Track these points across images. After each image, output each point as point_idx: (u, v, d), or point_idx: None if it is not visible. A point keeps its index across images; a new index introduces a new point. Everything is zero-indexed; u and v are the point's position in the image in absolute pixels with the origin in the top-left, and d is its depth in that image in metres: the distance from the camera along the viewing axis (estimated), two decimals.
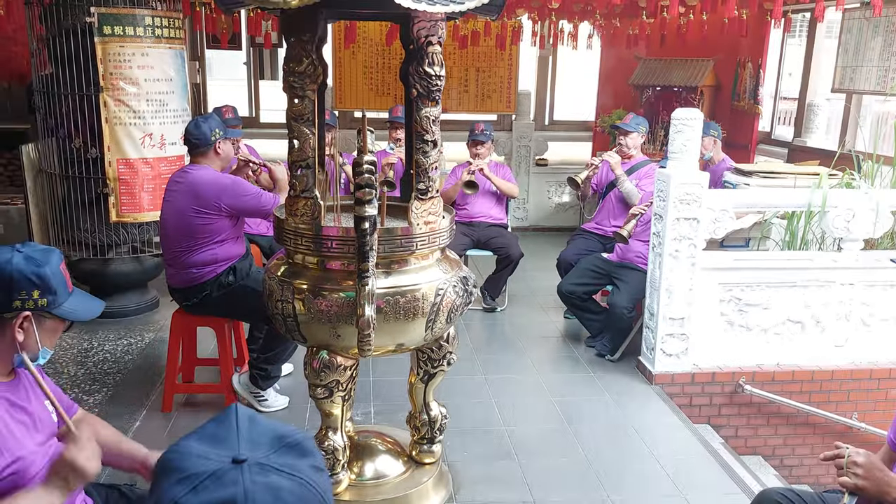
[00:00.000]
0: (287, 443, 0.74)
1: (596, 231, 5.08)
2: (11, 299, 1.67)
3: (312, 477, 0.73)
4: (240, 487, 0.68)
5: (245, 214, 3.55)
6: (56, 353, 4.17)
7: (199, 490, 0.68)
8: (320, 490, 0.73)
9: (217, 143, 3.50)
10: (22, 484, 1.68)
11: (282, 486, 0.69)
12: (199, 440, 0.74)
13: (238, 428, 0.74)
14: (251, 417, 0.77)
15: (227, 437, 0.73)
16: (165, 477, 0.70)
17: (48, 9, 4.27)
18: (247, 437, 0.73)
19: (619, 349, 4.44)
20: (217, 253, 3.46)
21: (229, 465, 0.70)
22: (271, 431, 0.76)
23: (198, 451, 0.72)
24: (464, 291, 2.71)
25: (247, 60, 7.96)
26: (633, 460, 3.39)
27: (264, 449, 0.73)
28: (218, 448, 0.72)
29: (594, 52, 7.26)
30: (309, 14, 2.36)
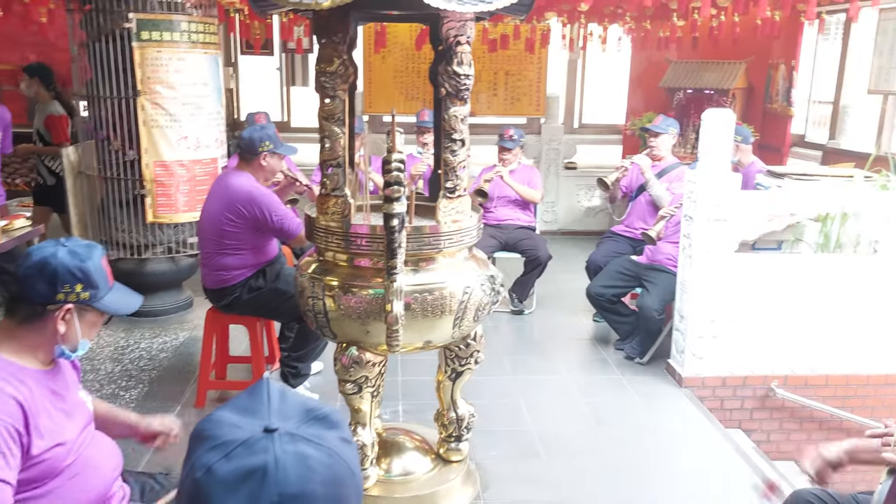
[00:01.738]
0: (315, 415, 0.77)
1: (625, 233, 5.06)
2: (55, 292, 1.72)
3: (339, 447, 0.75)
4: (270, 455, 0.71)
5: (268, 231, 3.49)
6: (94, 350, 4.29)
7: (231, 457, 0.71)
8: (347, 460, 0.75)
9: (263, 154, 3.51)
10: (56, 469, 1.73)
11: (310, 454, 0.72)
12: (231, 411, 0.77)
13: (269, 400, 0.78)
14: (281, 391, 0.80)
15: (259, 409, 0.76)
16: (200, 444, 0.74)
17: (88, 15, 4.40)
18: (277, 409, 0.76)
19: (648, 352, 4.42)
20: (246, 258, 3.51)
21: (260, 434, 0.73)
22: (300, 404, 0.79)
23: (230, 421, 0.75)
24: (491, 290, 2.72)
25: (279, 66, 8.07)
26: (663, 462, 3.37)
27: (294, 420, 0.76)
28: (250, 418, 0.75)
29: (624, 55, 7.24)
30: (340, 15, 2.41)
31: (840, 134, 6.34)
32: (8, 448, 1.58)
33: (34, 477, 1.69)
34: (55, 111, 5.32)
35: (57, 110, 5.34)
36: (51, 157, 5.32)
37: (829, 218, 4.41)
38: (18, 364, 1.72)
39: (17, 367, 1.71)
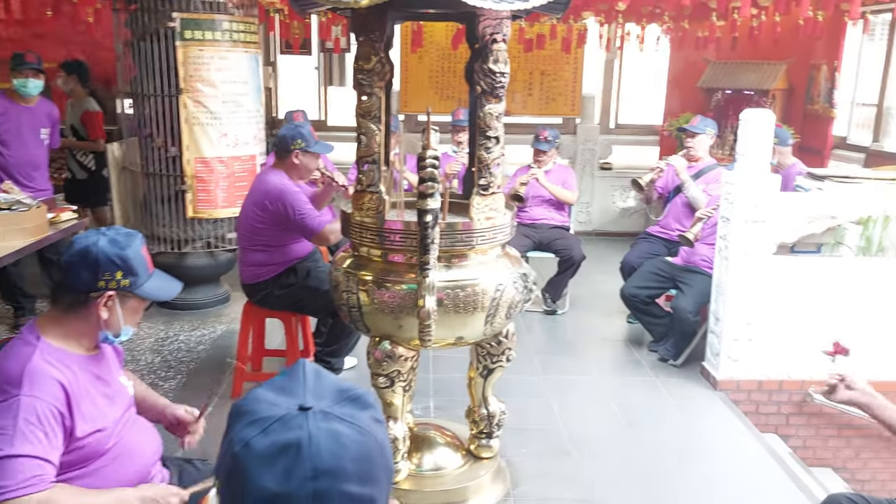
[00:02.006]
0: (349, 396, 0.80)
1: (661, 235, 5.02)
2: (97, 279, 1.78)
3: (371, 426, 0.78)
4: (305, 431, 0.74)
5: (292, 228, 3.52)
6: (135, 340, 4.40)
7: (268, 432, 0.74)
8: (378, 438, 0.78)
9: (295, 152, 3.55)
10: (98, 452, 1.79)
11: (343, 432, 0.75)
12: (269, 390, 0.80)
13: (305, 380, 0.81)
14: (317, 372, 0.83)
15: (295, 388, 0.79)
16: (238, 420, 0.77)
17: (134, 14, 4.52)
18: (312, 389, 0.79)
19: (682, 354, 4.38)
20: (275, 254, 3.57)
21: (296, 411, 0.76)
22: (335, 385, 0.82)
23: (268, 399, 0.78)
24: (523, 288, 2.73)
25: (317, 65, 8.17)
26: (696, 465, 3.35)
27: (328, 400, 0.78)
28: (286, 397, 0.78)
29: (662, 55, 7.18)
30: (378, 14, 2.45)
31: (884, 136, 6.20)
32: (51, 428, 1.64)
33: (77, 458, 1.75)
34: (91, 107, 5.46)
35: (93, 106, 5.48)
36: (83, 152, 5.46)
37: (871, 221, 4.32)
38: (64, 350, 1.78)
39: (62, 353, 1.77)
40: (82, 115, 5.40)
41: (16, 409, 1.61)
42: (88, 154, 5.50)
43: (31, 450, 1.59)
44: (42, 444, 1.61)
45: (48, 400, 1.65)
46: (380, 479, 0.77)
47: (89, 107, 5.46)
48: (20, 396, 1.63)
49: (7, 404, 1.62)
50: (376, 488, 0.76)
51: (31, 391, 1.64)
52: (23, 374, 1.66)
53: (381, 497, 0.77)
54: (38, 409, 1.63)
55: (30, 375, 1.67)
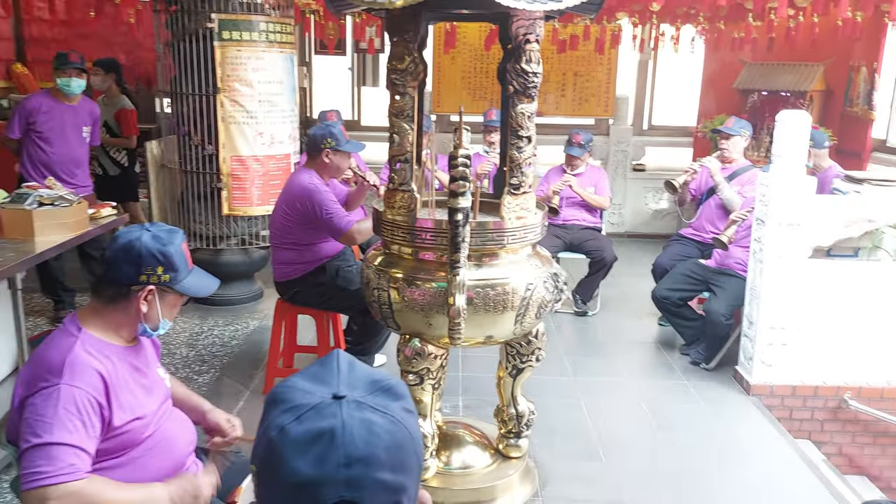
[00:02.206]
0: (381, 386, 0.82)
1: (693, 237, 4.97)
2: (138, 274, 1.82)
3: (403, 416, 0.80)
4: (338, 419, 0.76)
5: (320, 227, 3.54)
6: (170, 335, 4.49)
7: (302, 419, 0.76)
8: (409, 428, 0.80)
9: (326, 151, 3.58)
10: (135, 441, 1.83)
11: (375, 421, 0.77)
12: (304, 379, 0.83)
13: (339, 370, 0.83)
14: (350, 362, 0.85)
15: (329, 378, 0.82)
16: (274, 407, 0.80)
17: (174, 15, 4.61)
18: (346, 379, 0.82)
19: (714, 357, 4.33)
20: (304, 253, 3.61)
21: (330, 400, 0.78)
22: (368, 376, 0.84)
23: (303, 387, 0.80)
24: (554, 288, 2.74)
25: (351, 66, 8.24)
26: (727, 469, 3.31)
27: (361, 389, 0.80)
28: (320, 386, 0.80)
29: (697, 56, 7.10)
30: (412, 14, 2.47)
31: None
32: (89, 418, 1.68)
33: (115, 447, 1.79)
34: (126, 105, 5.57)
35: (127, 104, 5.59)
36: (116, 149, 5.57)
37: None
38: (104, 341, 1.83)
39: (102, 343, 1.82)
40: (117, 113, 5.51)
41: (56, 397, 1.65)
42: (121, 151, 5.62)
43: (69, 438, 1.63)
44: (79, 434, 1.65)
45: (87, 390, 1.69)
46: (411, 467, 0.79)
47: (125, 104, 5.57)
48: (61, 385, 1.67)
49: (48, 392, 1.66)
50: (408, 477, 0.78)
51: (72, 381, 1.68)
52: (64, 364, 1.70)
53: (412, 486, 0.79)
54: (77, 398, 1.67)
55: (71, 365, 1.71)
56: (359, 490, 0.73)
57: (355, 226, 3.49)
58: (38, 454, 1.61)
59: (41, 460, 1.60)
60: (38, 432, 1.62)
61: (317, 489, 0.73)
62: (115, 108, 5.51)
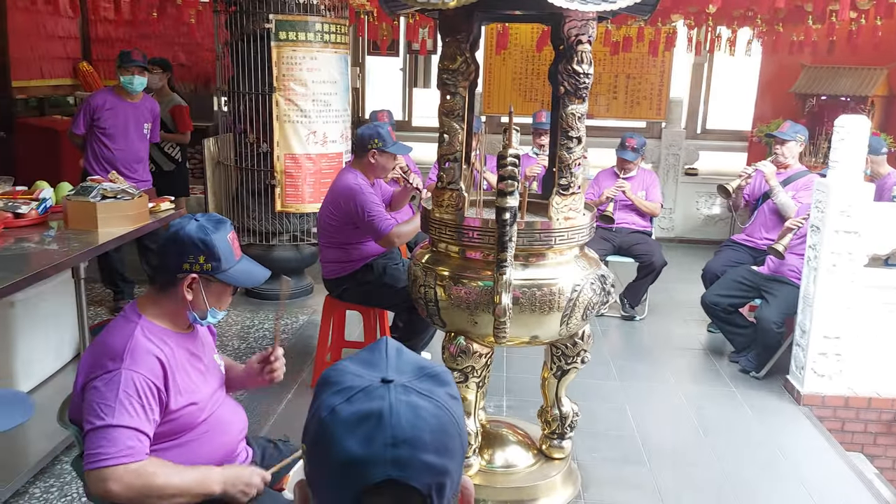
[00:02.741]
0: (427, 372, 0.85)
1: (746, 243, 4.88)
2: (182, 262, 1.87)
3: (448, 402, 0.83)
4: (386, 402, 0.79)
5: (361, 228, 3.58)
6: (223, 327, 4.62)
7: (352, 401, 0.80)
8: (454, 413, 0.83)
9: (372, 152, 3.61)
10: (191, 425, 1.90)
11: (421, 405, 0.80)
12: (354, 363, 0.86)
13: (387, 356, 0.86)
14: (398, 349, 0.88)
15: (378, 363, 0.85)
16: (325, 389, 0.83)
17: (233, 16, 4.74)
18: (394, 365, 0.85)
19: (765, 366, 4.25)
20: (351, 252, 3.66)
21: (378, 383, 0.81)
22: (415, 362, 0.87)
23: (353, 371, 0.84)
24: (601, 290, 2.73)
25: (403, 66, 8.32)
26: (775, 480, 3.25)
27: (408, 375, 0.84)
28: (369, 370, 0.84)
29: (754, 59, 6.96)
30: (464, 15, 2.50)
31: None
32: (148, 402, 1.75)
33: (171, 430, 1.86)
34: (179, 102, 5.73)
35: (180, 101, 5.75)
36: (171, 145, 5.73)
37: None
38: (162, 327, 1.90)
39: (160, 329, 1.89)
40: (171, 109, 5.66)
41: (117, 381, 1.72)
42: (175, 147, 5.78)
43: (129, 421, 1.70)
44: (139, 417, 1.72)
45: (147, 375, 1.76)
46: (455, 451, 0.81)
47: (178, 101, 5.73)
48: (122, 370, 1.74)
49: (110, 377, 1.73)
50: (451, 460, 0.80)
51: (132, 366, 1.75)
52: (125, 349, 1.77)
53: (456, 469, 0.82)
54: (136, 382, 1.73)
55: (131, 351, 1.78)
56: (405, 470, 0.76)
57: (394, 230, 3.53)
58: (100, 436, 1.68)
59: (103, 442, 1.67)
60: (100, 415, 1.69)
61: (364, 468, 0.76)
62: (170, 105, 5.67)
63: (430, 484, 0.77)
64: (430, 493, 0.78)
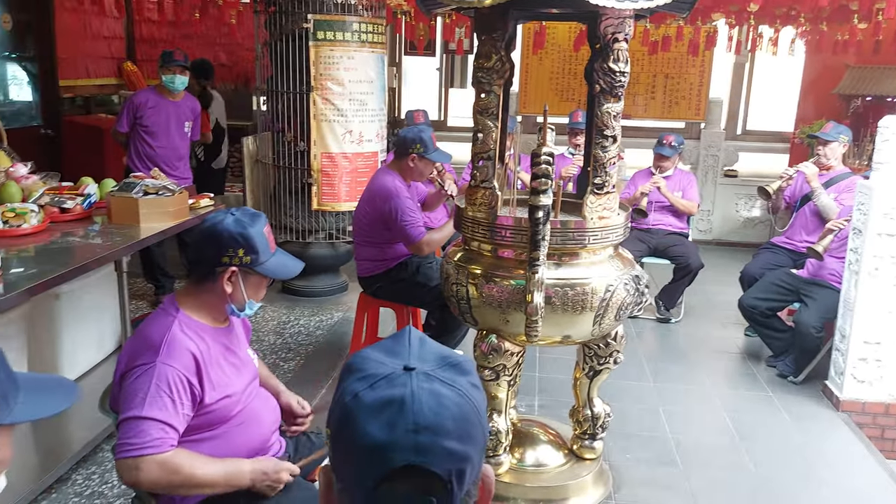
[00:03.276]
0: (449, 361, 0.87)
1: (786, 245, 4.80)
2: (221, 255, 1.91)
3: (470, 391, 0.84)
4: (408, 389, 0.81)
5: (392, 231, 3.60)
6: (259, 322, 4.69)
7: (374, 387, 0.82)
8: (475, 402, 0.84)
9: (412, 156, 3.62)
10: (225, 417, 1.93)
11: (443, 393, 0.81)
12: (378, 351, 0.88)
13: (410, 345, 0.88)
14: (421, 339, 0.90)
15: (401, 351, 0.87)
16: (349, 375, 0.85)
17: (272, 16, 4.81)
18: (416, 353, 0.86)
19: (803, 371, 4.17)
20: (386, 250, 3.69)
21: (401, 371, 0.83)
22: (437, 351, 0.88)
23: (376, 358, 0.86)
24: (635, 290, 2.71)
25: (439, 67, 8.35)
26: (811, 486, 3.19)
27: (430, 364, 0.85)
28: (392, 358, 0.86)
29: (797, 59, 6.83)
30: (500, 13, 2.51)
31: None
32: (178, 396, 1.78)
33: (206, 422, 1.90)
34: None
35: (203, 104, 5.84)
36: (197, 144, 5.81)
37: None
38: (198, 321, 1.94)
39: (197, 323, 1.93)
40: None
41: (151, 374, 1.76)
42: (200, 146, 5.89)
43: (158, 414, 1.74)
44: (168, 410, 1.75)
45: (180, 369, 1.80)
46: (476, 438, 0.82)
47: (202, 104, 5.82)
48: (157, 363, 1.78)
49: (145, 369, 1.78)
50: (472, 447, 0.82)
51: (167, 359, 1.79)
52: (162, 343, 1.81)
53: (477, 456, 0.83)
54: (169, 377, 1.77)
55: (168, 344, 1.82)
56: (426, 456, 0.78)
57: (425, 237, 3.55)
58: (130, 426, 1.73)
59: (132, 432, 1.72)
60: (132, 406, 1.74)
61: (386, 453, 0.78)
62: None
63: (450, 470, 0.79)
64: (451, 479, 0.79)
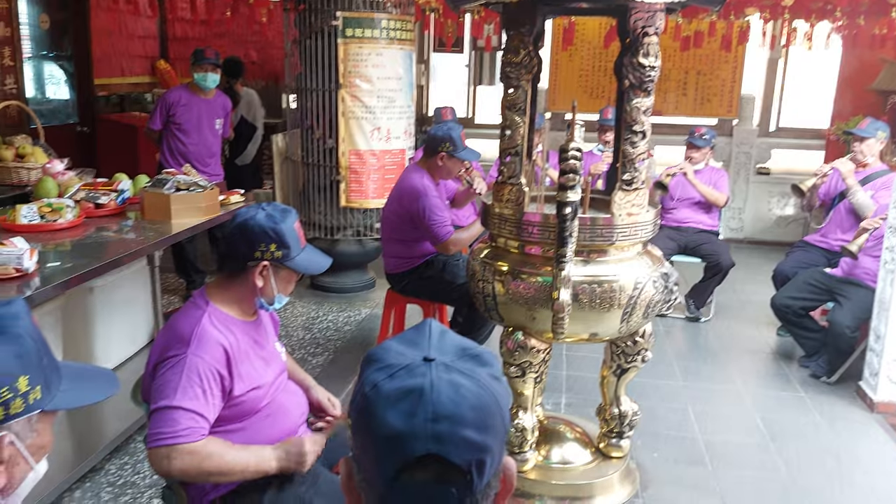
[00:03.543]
0: (470, 353, 0.87)
1: (820, 244, 4.71)
2: (253, 250, 1.93)
3: (489, 381, 0.84)
4: (427, 379, 0.81)
5: (420, 229, 3.61)
6: (288, 318, 4.74)
7: (394, 377, 0.82)
8: (495, 393, 0.84)
9: (441, 154, 3.62)
10: (253, 409, 1.96)
11: (462, 383, 0.82)
12: (398, 342, 0.89)
13: (430, 336, 0.88)
14: (442, 330, 0.90)
15: (421, 342, 0.87)
16: (370, 365, 0.86)
17: (302, 14, 4.85)
18: (436, 345, 0.87)
19: (836, 371, 4.09)
20: (413, 247, 3.70)
21: (420, 361, 0.84)
22: (458, 343, 0.89)
23: (396, 349, 0.87)
24: (663, 288, 2.68)
25: (468, 64, 8.34)
26: (843, 488, 3.13)
27: (450, 355, 0.86)
28: (412, 349, 0.86)
29: (832, 54, 6.70)
30: (528, 7, 2.50)
31: None
32: (209, 387, 1.81)
33: (234, 414, 1.92)
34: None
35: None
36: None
37: None
38: (228, 314, 1.96)
39: (226, 317, 1.95)
40: None
41: (182, 366, 1.80)
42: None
43: (189, 404, 1.76)
44: (198, 400, 1.78)
45: (210, 361, 1.83)
46: (496, 429, 0.82)
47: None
48: (187, 355, 1.81)
49: (176, 360, 1.81)
50: (492, 438, 0.82)
51: (197, 351, 1.82)
52: (192, 335, 1.84)
53: (497, 447, 0.83)
54: (199, 368, 1.80)
55: (199, 337, 1.84)
56: (445, 445, 0.78)
57: (452, 237, 3.56)
58: (161, 417, 1.76)
59: (163, 422, 1.75)
60: (163, 396, 1.77)
61: (405, 442, 0.78)
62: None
63: (470, 461, 0.79)
64: (471, 469, 0.79)
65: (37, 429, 1.03)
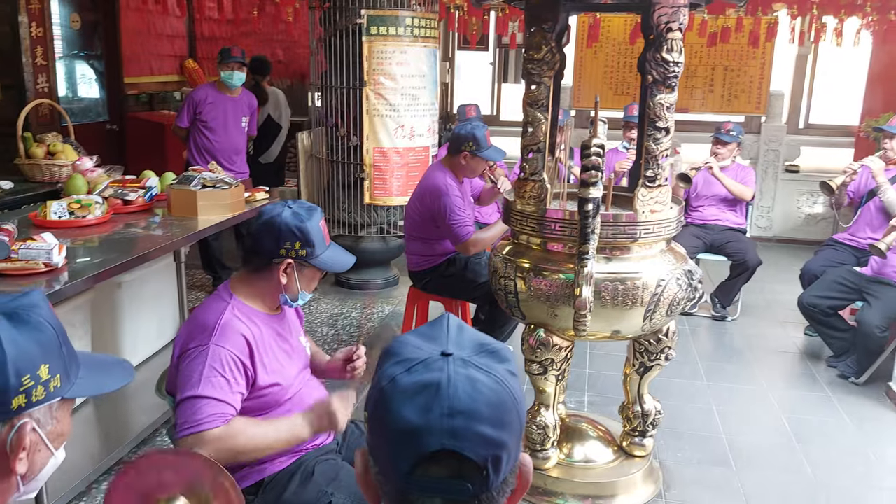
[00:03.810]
0: (487, 349, 0.87)
1: (849, 242, 4.63)
2: (278, 247, 1.95)
3: (506, 377, 0.84)
4: (444, 373, 0.81)
5: (441, 228, 3.61)
6: (312, 314, 4.78)
7: (411, 371, 0.83)
8: (511, 389, 0.84)
9: (465, 153, 3.62)
10: (277, 402, 1.98)
11: (479, 378, 0.82)
12: (416, 336, 0.89)
13: (448, 331, 0.88)
14: (459, 325, 0.90)
15: (439, 337, 0.87)
16: (387, 359, 0.86)
17: (327, 12, 4.88)
18: (454, 340, 0.87)
19: (865, 372, 4.02)
20: (435, 246, 3.71)
21: (438, 356, 0.84)
22: (475, 338, 0.89)
23: (414, 343, 0.87)
24: (687, 286, 2.66)
25: (492, 61, 8.33)
26: (872, 490, 3.09)
27: (468, 350, 0.86)
28: (430, 343, 0.86)
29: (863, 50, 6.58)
30: (551, 4, 2.49)
31: None
32: (232, 375, 1.84)
33: (258, 406, 1.95)
34: None
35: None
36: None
37: None
38: (251, 307, 1.99)
39: (250, 309, 1.98)
40: None
41: (205, 356, 1.83)
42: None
43: (213, 392, 1.79)
44: (223, 389, 1.81)
45: (233, 350, 1.85)
46: (513, 425, 0.82)
47: None
48: (210, 345, 1.84)
49: (199, 351, 1.84)
50: (508, 434, 0.81)
51: (219, 341, 1.85)
52: (215, 326, 1.87)
53: (513, 444, 0.83)
54: (222, 357, 1.83)
55: (222, 328, 1.87)
56: (460, 440, 0.78)
57: (473, 237, 3.55)
58: (187, 406, 1.79)
59: (190, 411, 1.78)
60: (188, 386, 1.80)
61: (421, 436, 0.78)
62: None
63: (485, 456, 0.79)
64: (486, 465, 0.79)
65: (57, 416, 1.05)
